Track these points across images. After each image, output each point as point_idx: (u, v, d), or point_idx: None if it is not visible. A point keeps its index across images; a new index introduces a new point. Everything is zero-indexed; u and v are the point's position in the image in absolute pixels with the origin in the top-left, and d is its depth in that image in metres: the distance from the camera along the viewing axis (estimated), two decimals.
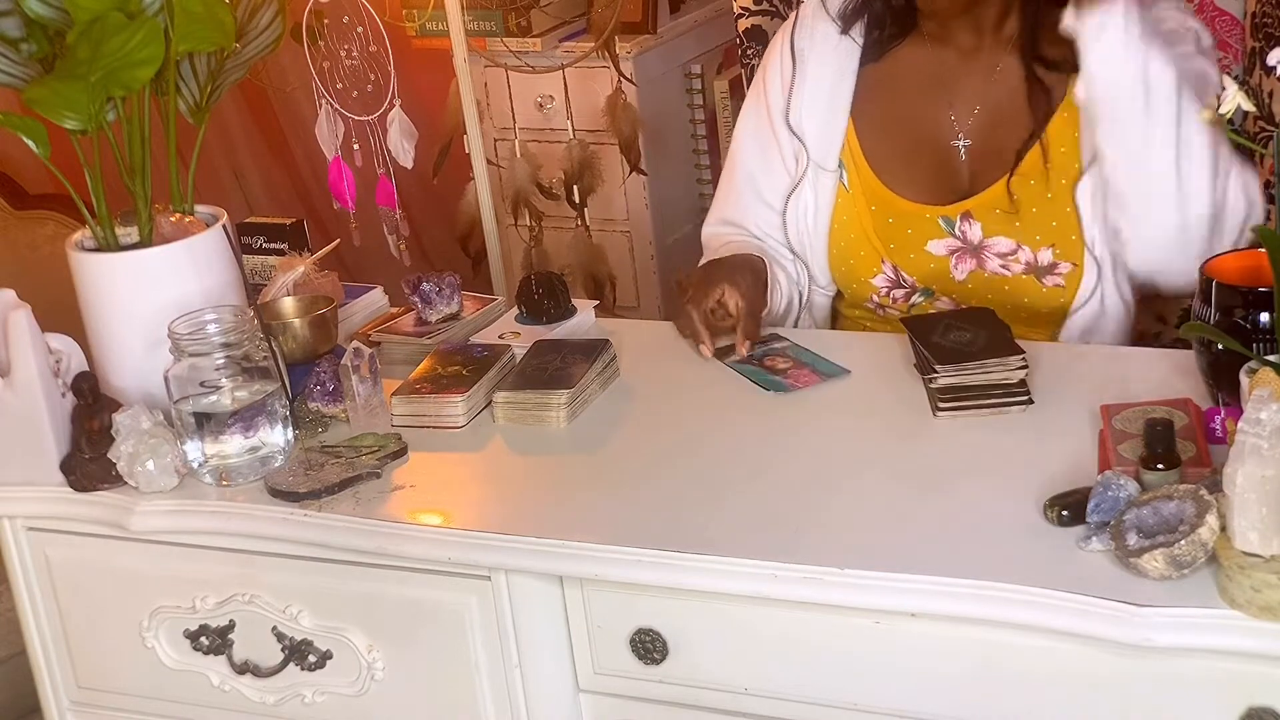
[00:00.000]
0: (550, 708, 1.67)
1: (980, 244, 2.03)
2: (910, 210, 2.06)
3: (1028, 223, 2.00)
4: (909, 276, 2.07)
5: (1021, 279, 2.03)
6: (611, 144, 3.46)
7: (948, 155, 2.06)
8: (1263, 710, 1.38)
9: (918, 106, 2.07)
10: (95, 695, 1.91)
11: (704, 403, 1.83)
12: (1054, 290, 2.02)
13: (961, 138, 2.05)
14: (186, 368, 1.74)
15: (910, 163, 2.07)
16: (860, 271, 2.10)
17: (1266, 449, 1.33)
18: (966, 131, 2.05)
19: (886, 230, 2.07)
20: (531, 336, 1.95)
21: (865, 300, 2.12)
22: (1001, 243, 2.02)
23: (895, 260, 2.07)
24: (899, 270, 2.07)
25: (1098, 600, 1.39)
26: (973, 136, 2.04)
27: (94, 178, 1.82)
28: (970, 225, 2.03)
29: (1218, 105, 1.52)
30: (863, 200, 2.08)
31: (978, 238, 2.03)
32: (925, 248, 2.05)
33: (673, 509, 1.62)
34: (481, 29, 3.47)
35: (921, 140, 2.07)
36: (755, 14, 2.52)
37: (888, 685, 1.52)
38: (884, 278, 2.08)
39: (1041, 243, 2.01)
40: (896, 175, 2.07)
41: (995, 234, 2.02)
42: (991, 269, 2.04)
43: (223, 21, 1.81)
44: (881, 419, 1.74)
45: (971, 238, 2.03)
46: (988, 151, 2.03)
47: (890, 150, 2.08)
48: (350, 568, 1.70)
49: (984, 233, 2.02)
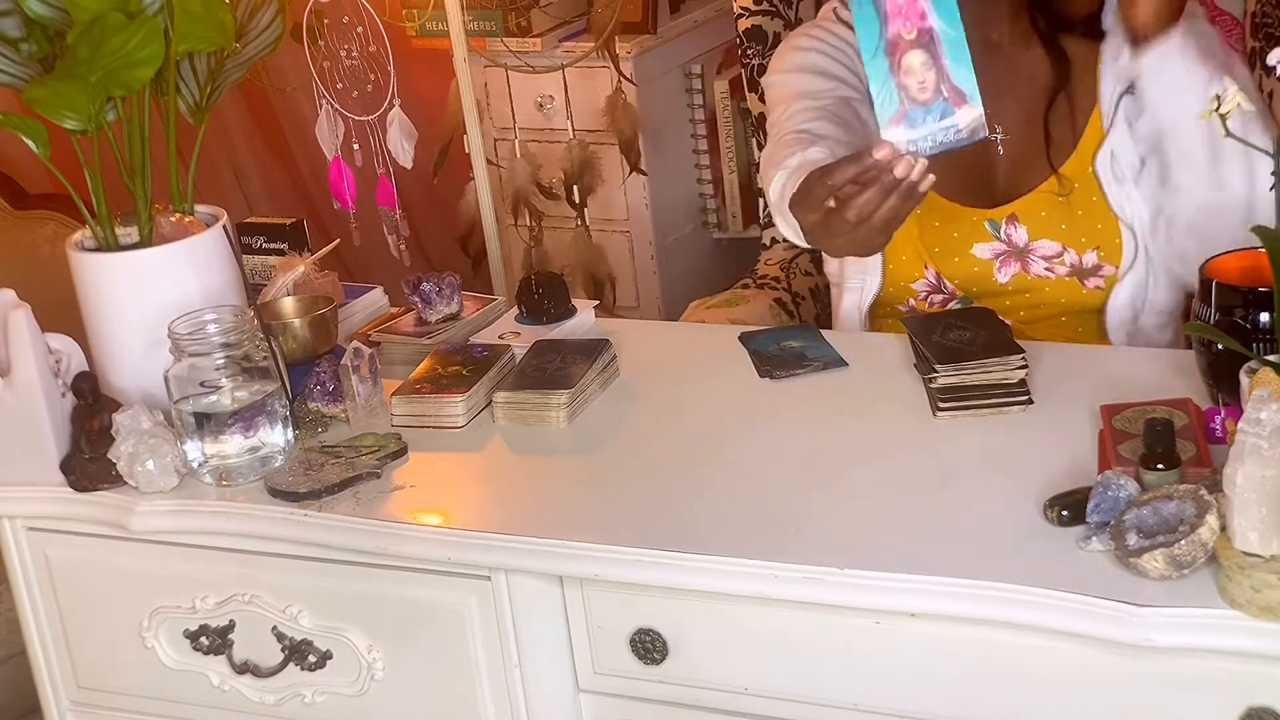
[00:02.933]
0: (550, 708, 1.67)
1: (1026, 247, 2.03)
2: (957, 213, 2.05)
3: (1073, 225, 2.01)
4: (950, 283, 2.07)
5: (1065, 281, 2.03)
6: (611, 144, 3.46)
7: (985, 151, 2.04)
8: (1263, 710, 1.38)
9: None
10: (95, 695, 1.91)
11: (704, 403, 1.83)
12: (1094, 293, 2.02)
13: (998, 131, 2.04)
14: (186, 368, 1.74)
15: (949, 163, 2.03)
16: (901, 275, 2.09)
17: (1266, 449, 1.33)
18: (1002, 125, 2.04)
19: (932, 234, 2.06)
20: (531, 336, 1.95)
21: (901, 303, 2.11)
22: (1047, 245, 2.02)
23: (938, 265, 2.06)
24: (940, 276, 2.07)
25: (1098, 600, 1.39)
26: (1008, 130, 2.04)
27: (94, 178, 1.82)
28: (1016, 228, 2.02)
29: (1218, 105, 1.52)
30: None
31: (1023, 240, 2.03)
32: (970, 251, 2.05)
33: (673, 509, 1.62)
34: (481, 29, 3.47)
35: None
36: (755, 14, 2.52)
37: (888, 685, 1.52)
38: (925, 283, 2.08)
39: (1087, 245, 2.01)
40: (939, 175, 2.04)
41: (1041, 236, 2.02)
42: (1036, 272, 2.03)
43: (223, 21, 1.81)
44: (881, 419, 1.74)
45: (1017, 240, 2.03)
46: (1023, 143, 2.03)
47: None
48: (350, 568, 1.70)
49: (1030, 235, 2.02)
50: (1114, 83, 1.99)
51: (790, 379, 1.85)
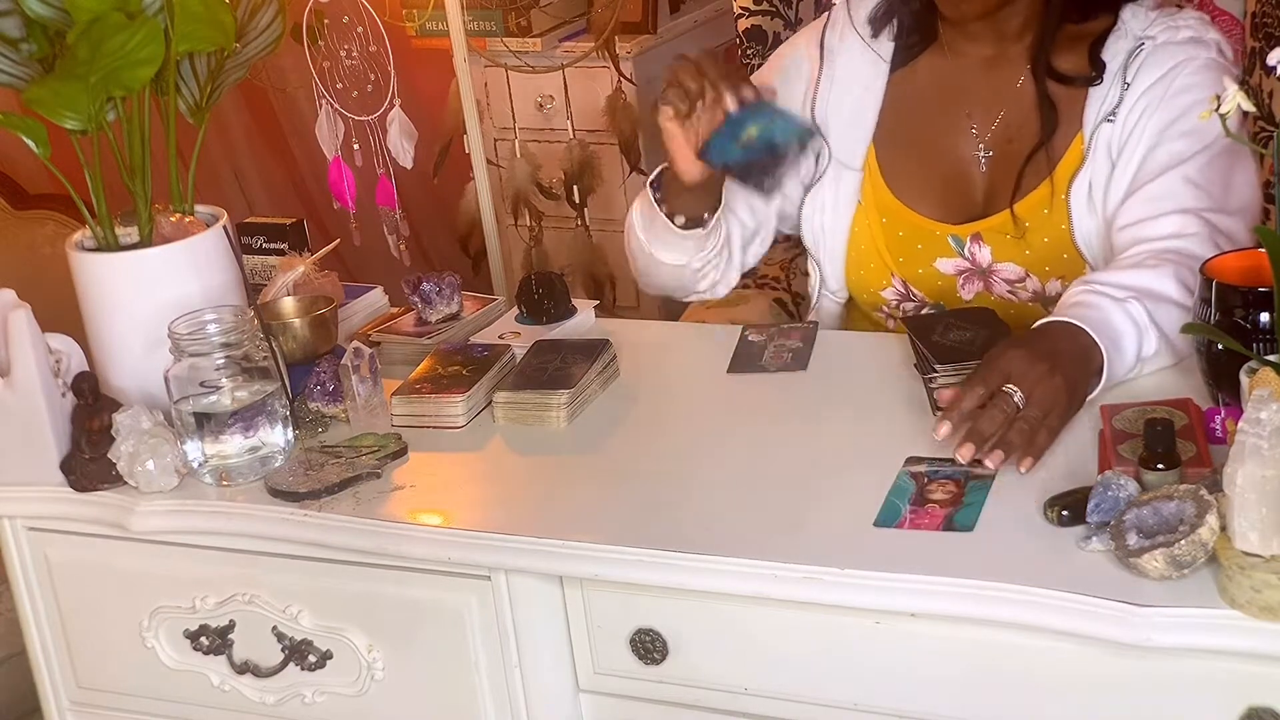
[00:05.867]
0: (550, 708, 1.67)
1: (989, 267, 2.00)
2: (921, 225, 2.03)
3: (1037, 252, 1.97)
4: (918, 291, 2.05)
5: (1028, 306, 2.00)
6: (611, 144, 3.46)
7: (966, 167, 2.02)
8: (1263, 710, 1.38)
9: (937, 117, 2.03)
10: (95, 695, 1.91)
11: (704, 403, 1.83)
12: None
13: (983, 148, 2.01)
14: (186, 368, 1.74)
15: (925, 176, 2.04)
16: (870, 282, 2.08)
17: (1266, 449, 1.33)
18: (988, 141, 2.01)
19: (896, 244, 2.05)
20: (531, 336, 1.95)
21: (875, 310, 2.10)
22: (1010, 269, 1.99)
23: (904, 275, 2.05)
24: (908, 285, 2.05)
25: (1098, 600, 1.39)
26: (994, 147, 2.01)
27: (94, 178, 1.82)
28: (980, 248, 2.00)
29: (1217, 106, 1.52)
30: (875, 212, 2.05)
31: (986, 261, 2.00)
32: (934, 264, 2.03)
33: (673, 509, 1.62)
34: (481, 29, 3.47)
35: (939, 152, 2.03)
36: (755, 14, 2.52)
37: (888, 685, 1.52)
38: (893, 291, 2.07)
39: (1050, 274, 1.97)
40: (911, 189, 2.04)
41: (1004, 259, 1.99)
42: (999, 293, 2.01)
43: (223, 21, 1.81)
44: (881, 419, 1.74)
45: (980, 260, 2.00)
46: (1007, 163, 1.99)
47: (906, 163, 2.05)
48: (350, 568, 1.70)
49: (993, 256, 1.99)
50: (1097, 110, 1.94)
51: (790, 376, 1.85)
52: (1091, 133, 1.93)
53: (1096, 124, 1.93)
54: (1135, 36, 1.94)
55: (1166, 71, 1.91)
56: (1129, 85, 1.92)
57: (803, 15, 2.52)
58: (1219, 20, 2.21)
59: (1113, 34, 1.95)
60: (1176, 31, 1.92)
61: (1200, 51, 1.92)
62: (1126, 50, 1.93)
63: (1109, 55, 1.94)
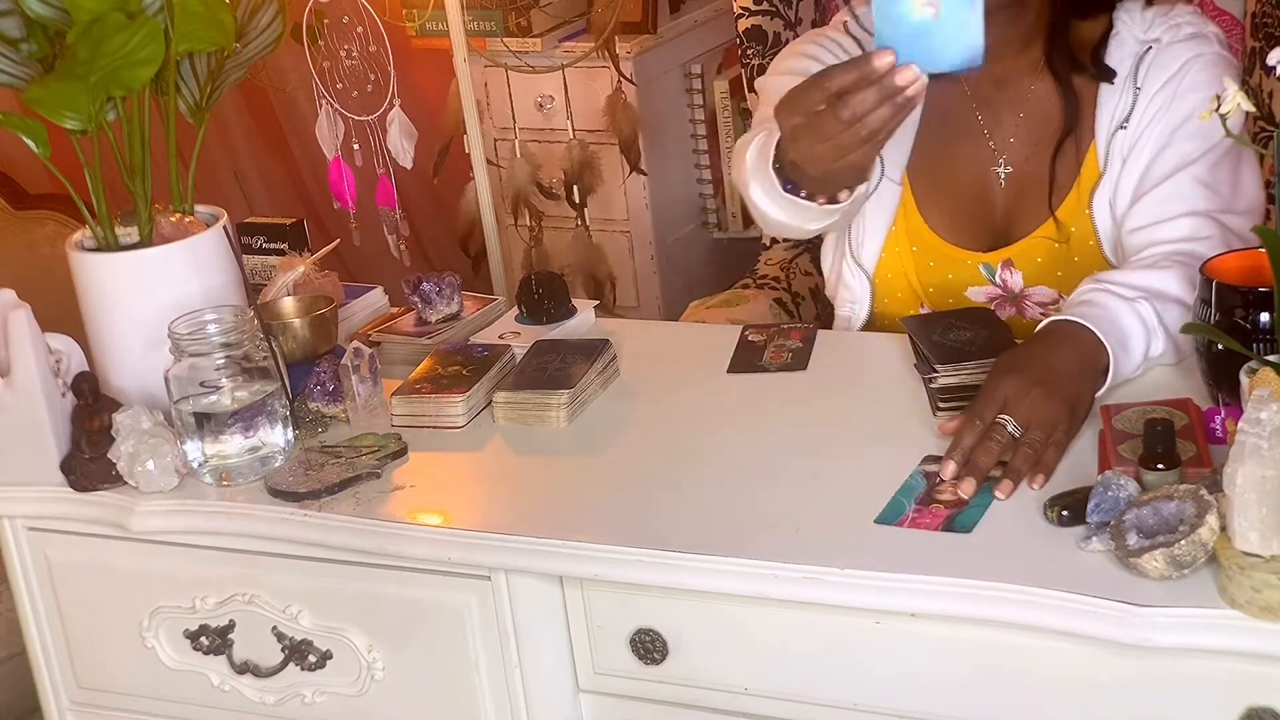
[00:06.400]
0: (550, 708, 1.67)
1: (1021, 293, 1.99)
2: (952, 255, 2.00)
3: (1069, 271, 1.94)
4: None
5: None
6: (611, 144, 3.46)
7: (986, 186, 2.00)
8: (1263, 710, 1.38)
9: (955, 137, 2.00)
10: (95, 695, 1.91)
11: (704, 403, 1.83)
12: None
13: (1002, 164, 1.99)
14: (186, 368, 1.74)
15: (952, 201, 2.01)
16: (896, 310, 2.04)
17: (1266, 449, 1.33)
18: (1006, 157, 1.99)
19: (928, 273, 2.02)
20: (531, 336, 1.95)
21: None
22: (1043, 292, 1.98)
23: (933, 305, 2.02)
24: None
25: (1098, 600, 1.39)
26: (1012, 162, 1.99)
27: (94, 178, 1.82)
28: (1011, 274, 1.98)
29: (1217, 105, 1.52)
30: (905, 240, 2.02)
31: (1019, 286, 1.98)
32: (965, 294, 2.01)
33: (672, 509, 1.62)
34: (481, 29, 3.47)
35: (960, 172, 2.01)
36: (755, 14, 2.52)
37: (888, 685, 1.52)
38: None
39: None
40: (941, 215, 2.01)
41: (1037, 283, 1.97)
42: (1032, 315, 1.99)
43: (223, 21, 1.81)
44: (881, 419, 1.74)
45: (1013, 286, 1.98)
46: (1027, 177, 1.98)
47: (933, 187, 2.02)
48: (350, 568, 1.70)
49: (1025, 281, 1.98)
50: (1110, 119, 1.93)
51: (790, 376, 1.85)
52: (1106, 142, 1.92)
53: (1111, 133, 1.92)
54: (1139, 40, 1.93)
55: (1177, 70, 1.90)
56: (1140, 89, 1.91)
57: (802, 15, 2.52)
58: (1219, 20, 2.21)
59: (1112, 39, 1.94)
60: (1178, 30, 1.92)
61: (1205, 47, 1.91)
62: (1134, 55, 1.92)
63: (1114, 61, 1.94)
